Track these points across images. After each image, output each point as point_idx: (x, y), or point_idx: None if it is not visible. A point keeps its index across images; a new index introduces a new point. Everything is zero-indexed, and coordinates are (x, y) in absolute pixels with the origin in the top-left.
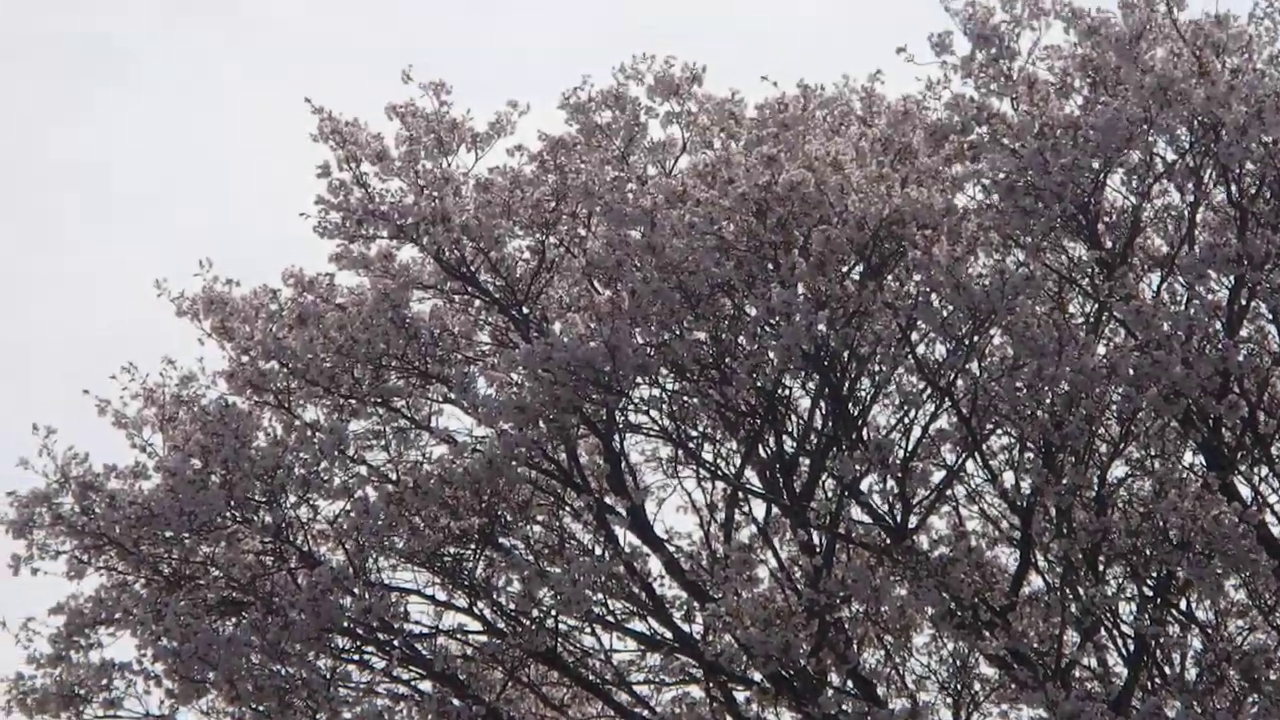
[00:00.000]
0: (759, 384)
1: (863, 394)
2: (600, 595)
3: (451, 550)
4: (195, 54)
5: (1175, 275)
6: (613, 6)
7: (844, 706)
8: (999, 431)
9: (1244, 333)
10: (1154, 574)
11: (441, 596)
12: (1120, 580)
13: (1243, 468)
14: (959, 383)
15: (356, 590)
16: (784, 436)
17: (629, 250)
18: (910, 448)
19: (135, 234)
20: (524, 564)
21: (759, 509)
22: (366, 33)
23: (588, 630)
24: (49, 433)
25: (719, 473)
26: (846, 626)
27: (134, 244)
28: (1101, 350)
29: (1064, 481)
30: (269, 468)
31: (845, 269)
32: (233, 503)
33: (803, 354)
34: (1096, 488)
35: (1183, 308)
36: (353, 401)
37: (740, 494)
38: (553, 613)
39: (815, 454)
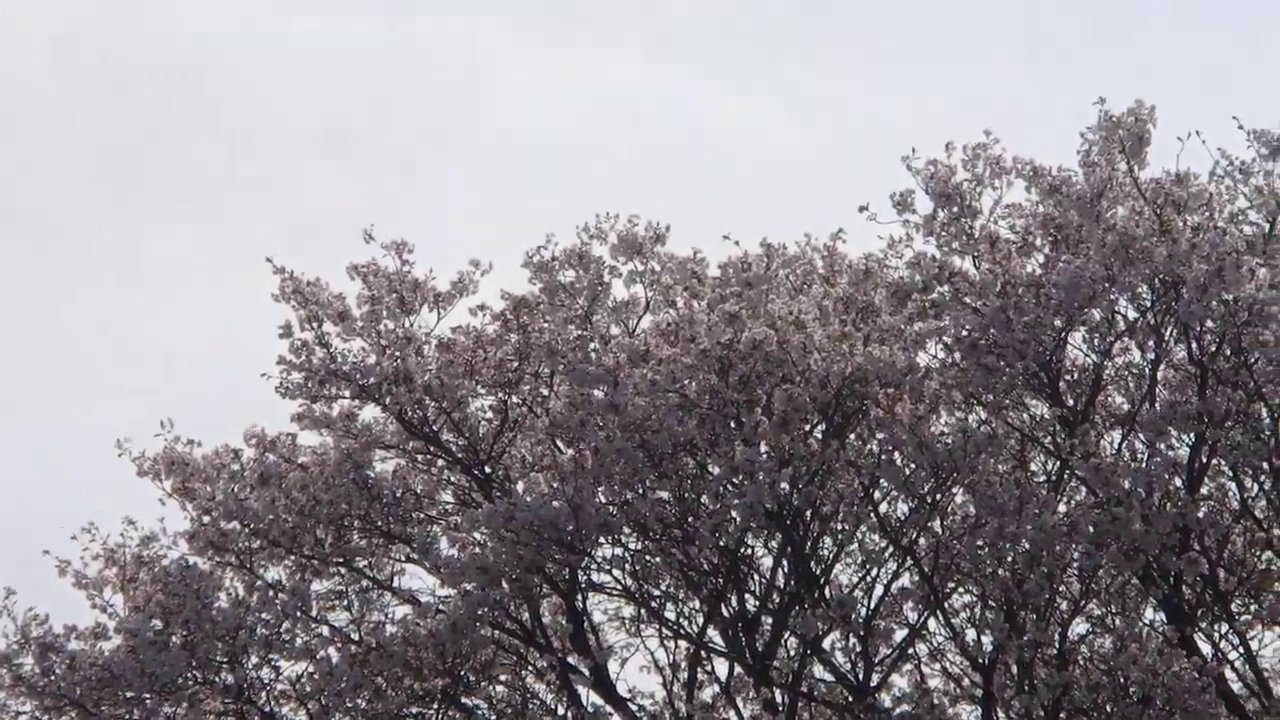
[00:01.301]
0: (722, 543)
1: (825, 552)
2: None
3: (414, 711)
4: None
5: (1136, 433)
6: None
7: None
8: (961, 589)
9: (1204, 490)
10: None
11: None
12: None
13: (1203, 624)
14: (921, 541)
15: None
16: (746, 595)
17: (592, 409)
18: (872, 606)
19: (93, 394)
20: None
21: (722, 668)
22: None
23: None
24: (9, 594)
25: (682, 632)
26: None
27: (91, 403)
28: (1062, 508)
29: (1025, 638)
30: (231, 628)
31: (808, 427)
32: (194, 663)
33: (766, 512)
34: (1058, 644)
35: (1143, 465)
36: (315, 562)
37: (703, 653)
38: None
39: (778, 612)
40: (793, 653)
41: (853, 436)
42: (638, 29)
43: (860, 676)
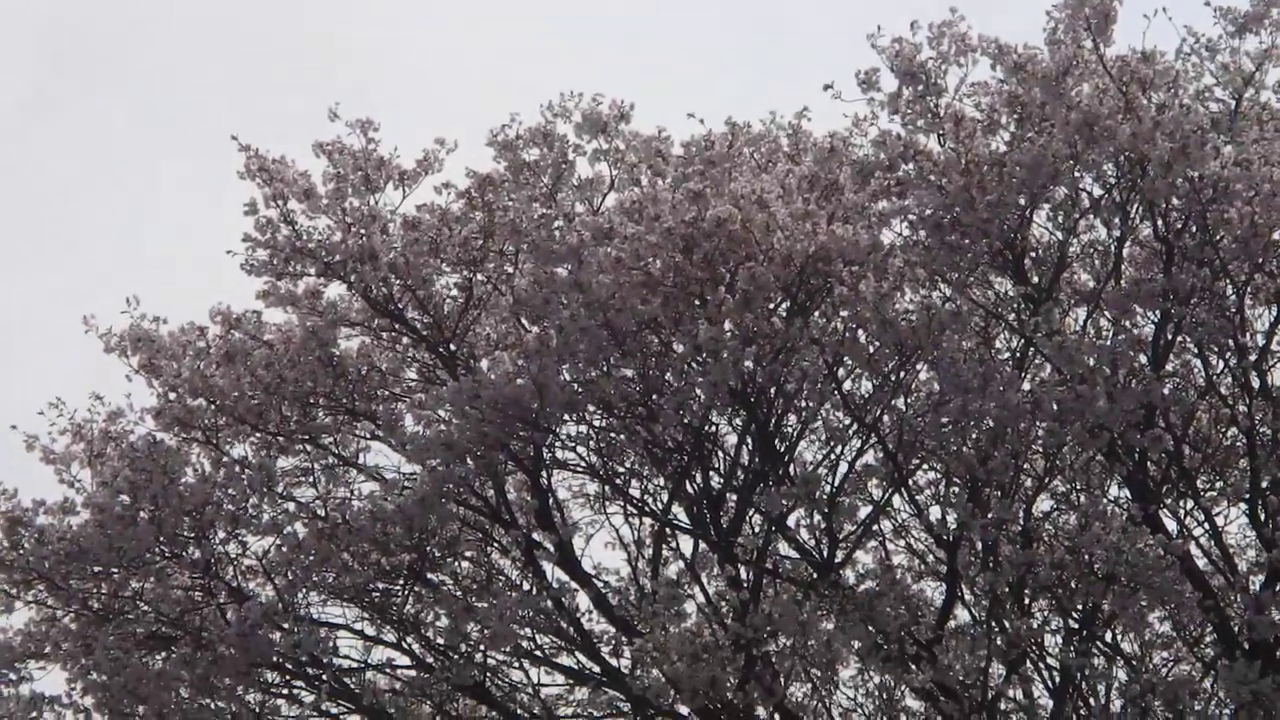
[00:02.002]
0: (686, 420)
1: (789, 430)
2: (528, 630)
3: (380, 586)
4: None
5: (1101, 310)
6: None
7: None
8: (925, 467)
9: (1169, 367)
10: (1079, 607)
11: (370, 632)
12: (1046, 613)
13: (1167, 501)
14: (885, 419)
15: (286, 625)
16: (711, 472)
17: (556, 287)
18: (837, 483)
19: (63, 271)
20: (452, 599)
21: (686, 544)
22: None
23: (516, 665)
24: None
25: (646, 509)
26: (774, 661)
27: (60, 281)
28: (1027, 386)
29: (990, 516)
30: (197, 504)
31: (772, 306)
32: (161, 538)
33: (729, 390)
34: (1022, 522)
35: (1108, 342)
36: (281, 439)
37: (667, 530)
38: (481, 648)
39: (742, 490)
40: (757, 530)
41: (817, 315)
42: None
43: (825, 553)
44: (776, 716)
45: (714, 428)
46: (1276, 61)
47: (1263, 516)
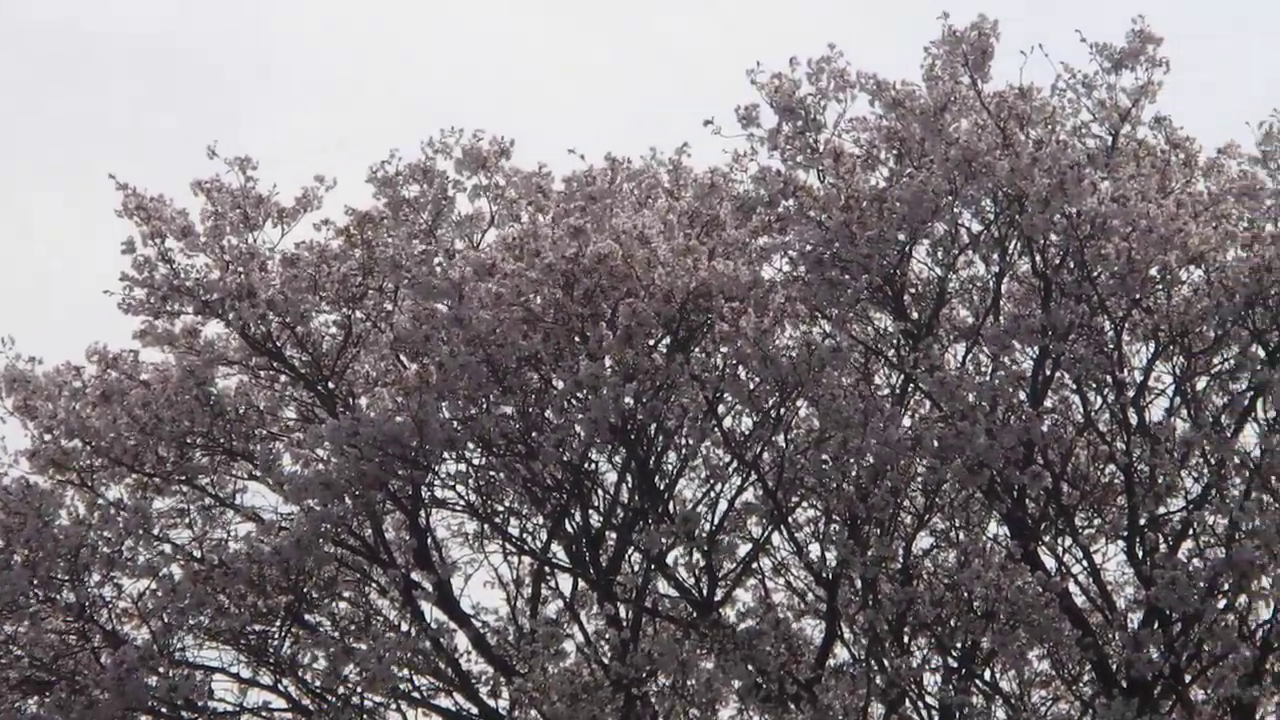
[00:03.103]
0: (566, 458)
1: (669, 467)
2: (406, 671)
3: (257, 628)
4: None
5: (980, 346)
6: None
7: None
8: (805, 504)
9: (1048, 403)
10: (959, 644)
11: (247, 674)
12: (925, 651)
13: (1046, 538)
14: (765, 455)
15: (162, 669)
16: (590, 510)
17: (436, 324)
18: (716, 521)
19: None
20: (330, 641)
21: (566, 583)
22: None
23: (394, 707)
24: None
25: (525, 547)
26: (653, 700)
27: None
28: (907, 422)
29: (869, 553)
30: (73, 546)
31: (652, 342)
32: (36, 582)
33: (609, 427)
34: (902, 559)
35: (987, 378)
36: (157, 479)
37: (547, 568)
38: (358, 690)
39: (621, 528)
40: (637, 568)
41: (697, 350)
42: None
43: (704, 592)
44: None
45: (594, 465)
46: (1152, 97)
47: (1140, 554)
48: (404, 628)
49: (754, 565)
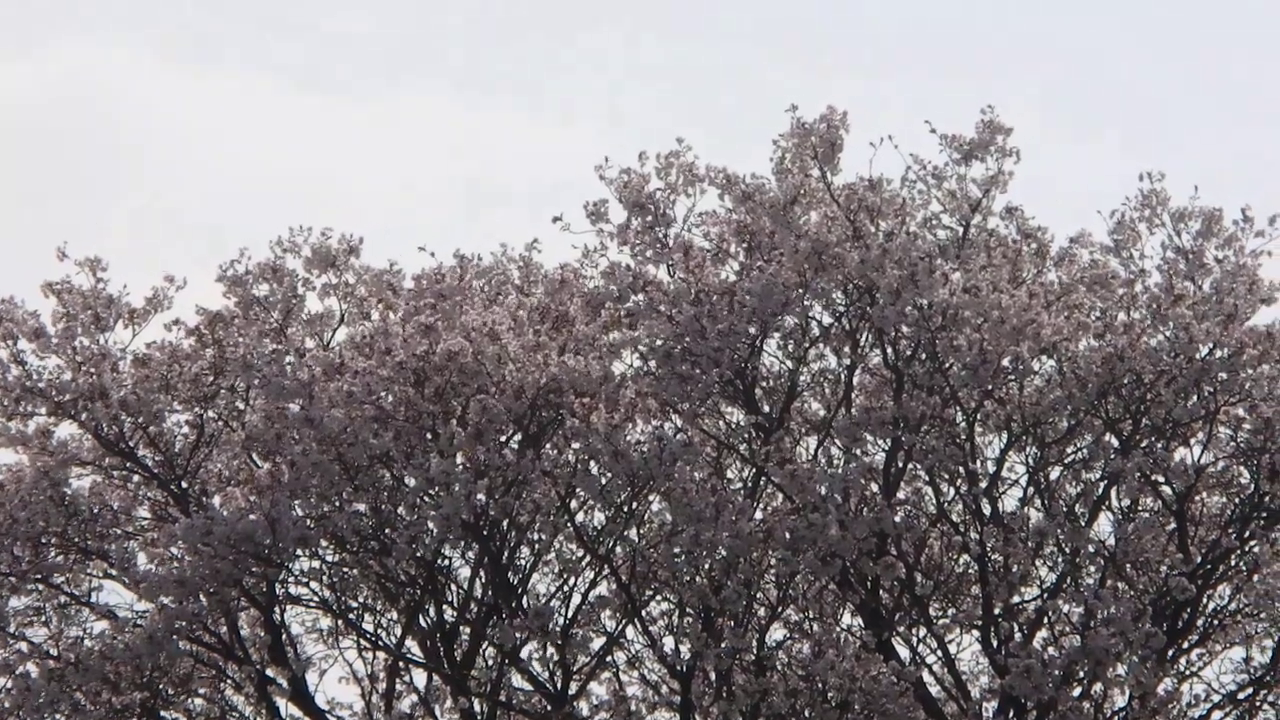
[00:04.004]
0: (419, 554)
1: (522, 562)
2: None
3: None
4: None
5: (832, 438)
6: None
7: None
8: (658, 597)
9: (901, 494)
10: None
11: None
12: None
13: (901, 628)
14: (618, 549)
15: None
16: (444, 606)
17: (287, 423)
18: (570, 615)
19: None
20: None
21: (420, 678)
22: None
23: None
24: None
25: (380, 643)
26: None
27: None
28: (759, 515)
29: (723, 645)
30: None
31: (504, 438)
32: None
33: (462, 523)
34: (755, 650)
35: (839, 470)
36: (12, 579)
37: (401, 663)
38: None
39: (476, 622)
40: (491, 662)
41: (548, 446)
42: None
43: (558, 685)
44: None
45: (447, 561)
46: (1003, 187)
47: (995, 643)
48: None
49: (608, 659)
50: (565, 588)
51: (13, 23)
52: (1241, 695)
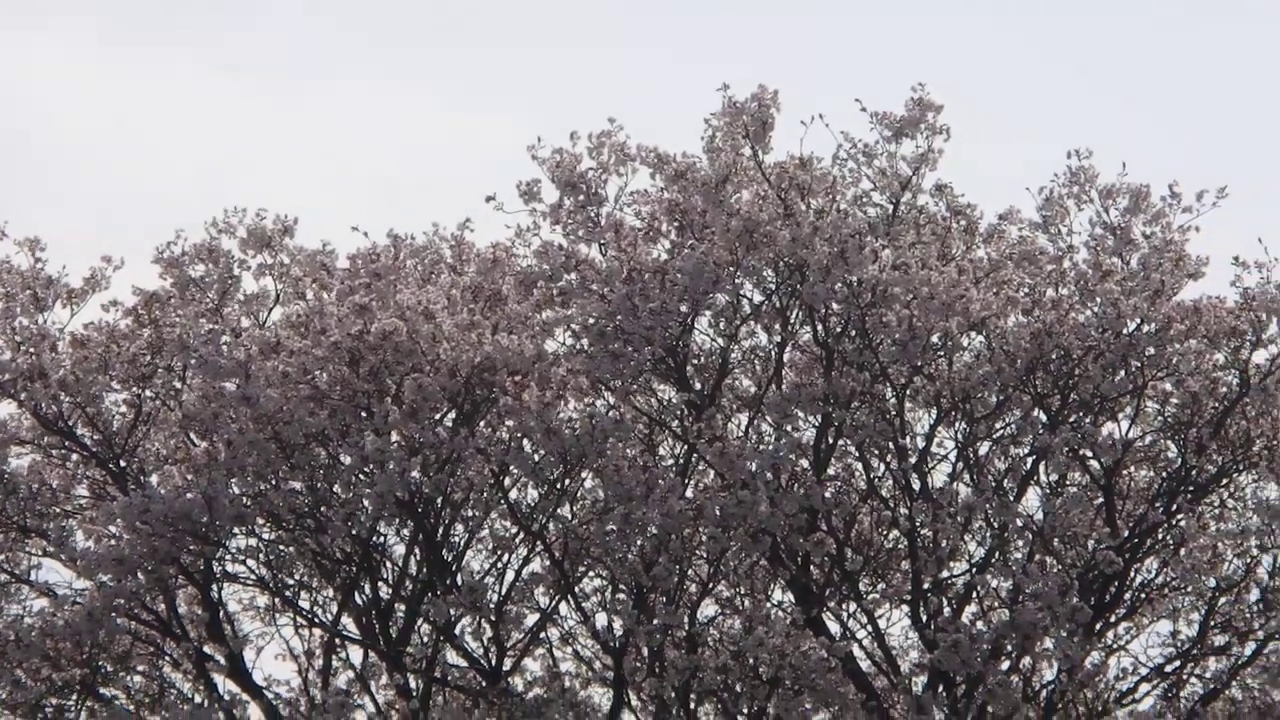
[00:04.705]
0: (354, 532)
1: (456, 539)
2: None
3: (53, 702)
4: None
5: (763, 415)
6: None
7: None
8: (591, 574)
9: (831, 471)
10: (744, 710)
11: None
12: (712, 717)
13: (831, 603)
14: (551, 527)
15: None
16: (379, 583)
17: (224, 402)
18: (504, 591)
19: None
20: (125, 714)
21: (356, 655)
22: None
23: None
24: None
25: (316, 620)
26: None
27: None
28: (690, 492)
29: (655, 621)
30: None
31: (438, 416)
32: None
33: (396, 501)
34: (687, 626)
35: (770, 447)
36: None
37: (337, 640)
38: None
39: (410, 599)
40: (426, 639)
41: (482, 424)
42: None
43: (493, 661)
44: None
45: (382, 538)
46: (933, 166)
47: (924, 617)
48: (197, 700)
49: (541, 635)
50: (499, 564)
51: None
52: (1168, 668)
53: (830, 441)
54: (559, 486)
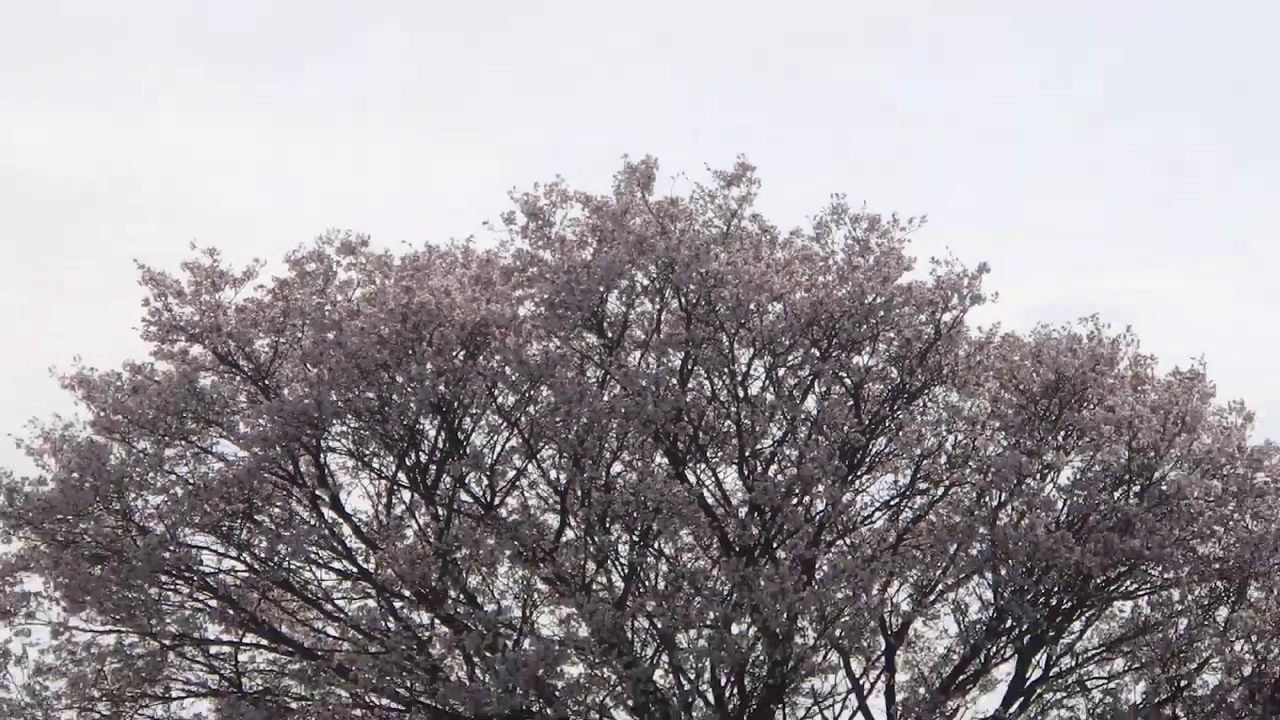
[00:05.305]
0: (405, 422)
1: (467, 426)
2: (315, 549)
3: (226, 523)
4: None
5: (649, 352)
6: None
7: None
8: (547, 447)
9: (691, 384)
10: (639, 527)
11: (221, 550)
12: (619, 532)
13: (690, 464)
14: (522, 419)
15: (172, 548)
16: (420, 452)
17: (326, 345)
18: (495, 456)
19: None
20: (268, 531)
21: (406, 495)
22: None
23: (307, 569)
24: None
25: (382, 474)
26: (459, 562)
27: None
28: (606, 398)
29: (585, 475)
30: (118, 476)
31: (453, 353)
32: (96, 497)
33: (431, 404)
34: (605, 478)
35: (654, 371)
36: (166, 438)
37: (395, 486)
38: (286, 559)
39: (438, 462)
40: (448, 486)
41: (480, 358)
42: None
43: (488, 498)
44: (461, 596)
45: (421, 426)
46: (750, 202)
47: (746, 472)
48: (313, 522)
49: (517, 483)
50: (492, 441)
51: None
52: (891, 504)
53: (690, 368)
54: (527, 395)
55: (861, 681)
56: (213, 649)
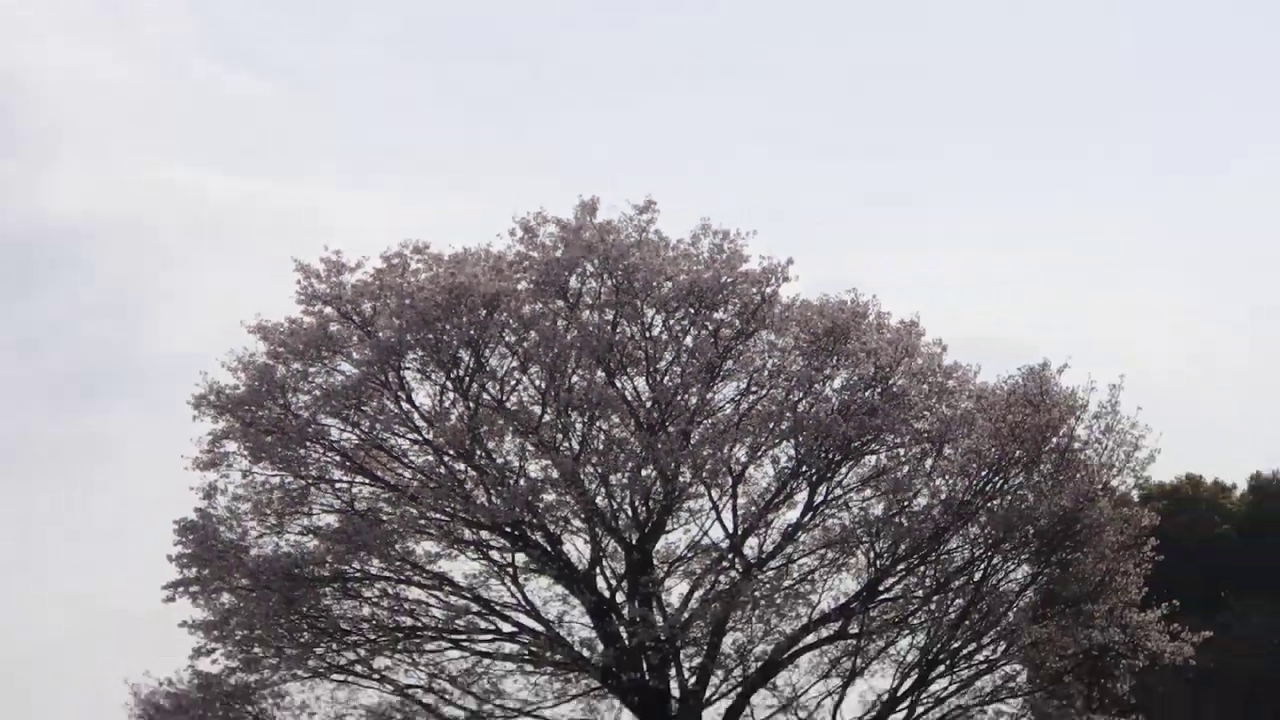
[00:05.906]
0: (450, 352)
1: (490, 365)
2: (395, 426)
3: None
4: None
5: (593, 311)
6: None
7: None
8: (534, 374)
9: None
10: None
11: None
12: (582, 426)
13: (617, 380)
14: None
15: None
16: (457, 379)
17: (401, 308)
18: (501, 379)
19: None
20: (369, 415)
21: (461, 406)
22: None
23: (393, 438)
24: None
25: (444, 391)
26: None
27: None
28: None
29: (561, 391)
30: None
31: (481, 314)
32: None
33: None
34: (569, 393)
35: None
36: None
37: (454, 394)
38: None
39: (468, 385)
40: (475, 396)
41: (497, 316)
42: None
43: (499, 403)
44: (482, 454)
45: (460, 355)
46: (654, 222)
47: (651, 383)
48: (395, 411)
49: (516, 388)
50: (502, 364)
51: None
52: (734, 399)
53: (617, 320)
54: (522, 336)
55: (715, 505)
56: (337, 485)
